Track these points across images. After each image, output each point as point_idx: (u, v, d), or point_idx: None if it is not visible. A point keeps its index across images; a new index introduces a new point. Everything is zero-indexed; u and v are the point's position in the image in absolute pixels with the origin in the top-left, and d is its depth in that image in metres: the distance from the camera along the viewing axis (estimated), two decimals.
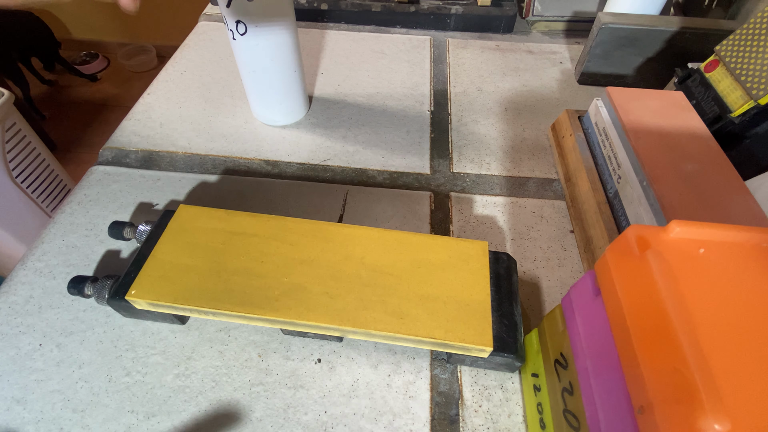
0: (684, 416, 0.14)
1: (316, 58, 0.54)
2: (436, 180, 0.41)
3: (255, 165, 0.41)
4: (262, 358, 0.29)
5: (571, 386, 0.22)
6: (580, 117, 0.41)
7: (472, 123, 0.47)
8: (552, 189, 0.40)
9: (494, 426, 0.27)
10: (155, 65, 1.91)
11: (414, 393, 0.28)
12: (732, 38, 0.36)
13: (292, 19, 0.38)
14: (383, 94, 0.50)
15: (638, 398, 0.16)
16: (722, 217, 0.28)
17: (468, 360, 0.28)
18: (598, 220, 0.33)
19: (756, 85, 0.34)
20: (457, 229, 0.37)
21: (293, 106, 0.45)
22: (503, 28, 0.59)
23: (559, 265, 0.35)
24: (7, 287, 0.32)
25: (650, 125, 0.34)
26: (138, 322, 0.30)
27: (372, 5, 0.58)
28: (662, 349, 0.15)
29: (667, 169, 0.30)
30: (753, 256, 0.18)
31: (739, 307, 0.16)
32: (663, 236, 0.18)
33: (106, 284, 0.29)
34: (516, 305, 0.28)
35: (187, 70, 0.52)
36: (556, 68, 0.54)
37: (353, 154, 0.43)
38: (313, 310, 0.26)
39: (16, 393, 0.27)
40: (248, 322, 0.27)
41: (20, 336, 0.29)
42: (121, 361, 0.29)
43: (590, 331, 0.21)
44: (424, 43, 0.57)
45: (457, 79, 0.52)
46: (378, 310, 0.26)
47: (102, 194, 0.38)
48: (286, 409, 0.27)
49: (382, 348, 0.30)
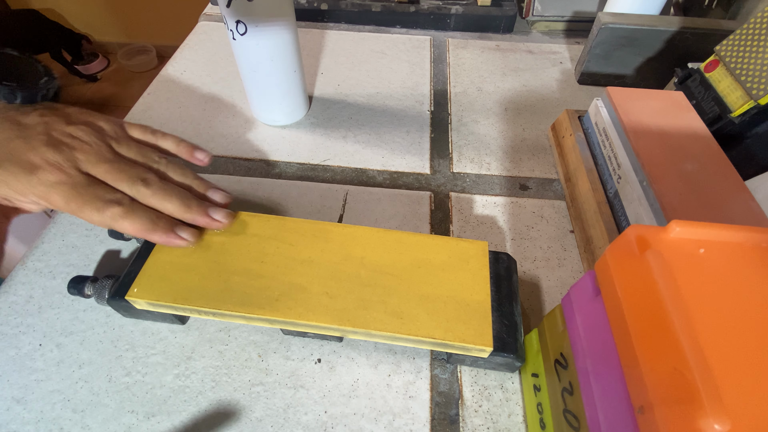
0: (684, 416, 0.14)
1: (316, 58, 0.54)
2: (436, 180, 0.41)
3: (255, 165, 0.41)
4: (262, 358, 0.29)
5: (571, 386, 0.22)
6: (580, 117, 0.41)
7: (472, 123, 0.47)
8: (552, 189, 0.40)
9: (494, 426, 0.27)
10: (155, 65, 1.91)
11: (414, 393, 0.28)
12: (732, 38, 0.36)
13: (292, 19, 0.38)
14: (383, 94, 0.50)
15: (638, 398, 0.16)
16: (722, 217, 0.28)
17: (468, 360, 0.28)
18: (598, 220, 0.33)
19: (756, 85, 0.34)
20: (457, 229, 0.37)
21: (293, 106, 0.45)
22: (503, 28, 0.59)
23: (559, 265, 0.35)
24: (7, 287, 0.32)
25: (650, 125, 0.34)
26: (138, 322, 0.30)
27: (372, 5, 0.58)
28: (662, 349, 0.15)
29: (667, 169, 0.30)
30: (753, 256, 0.18)
31: (739, 307, 0.16)
32: (663, 236, 0.18)
33: (106, 284, 0.29)
34: (516, 305, 0.28)
35: (187, 70, 0.52)
36: (556, 68, 0.54)
37: (353, 154, 0.43)
38: (313, 310, 0.26)
39: (16, 393, 0.27)
40: (248, 322, 0.27)
41: (20, 336, 0.29)
42: (121, 361, 0.29)
43: (590, 331, 0.21)
44: (424, 43, 0.57)
45: (457, 79, 0.52)
46: (378, 310, 0.26)
47: None
48: (286, 409, 0.27)
49: (382, 348, 0.30)
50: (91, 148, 0.27)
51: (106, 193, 0.26)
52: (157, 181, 0.27)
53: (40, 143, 0.26)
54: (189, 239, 0.27)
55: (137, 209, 0.26)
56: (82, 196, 0.25)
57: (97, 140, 0.27)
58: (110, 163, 0.27)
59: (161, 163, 0.29)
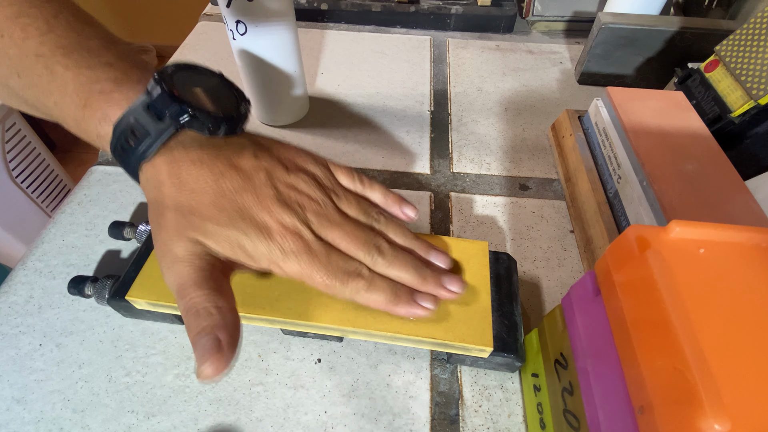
0: (684, 416, 0.14)
1: (316, 58, 0.54)
2: (436, 180, 0.41)
3: None
4: (262, 358, 0.29)
5: (571, 386, 0.22)
6: (580, 117, 0.41)
7: (472, 123, 0.47)
8: (552, 189, 0.40)
9: (494, 426, 0.27)
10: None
11: (414, 393, 0.28)
12: (732, 38, 0.36)
13: (292, 19, 0.38)
14: (383, 94, 0.50)
15: (638, 398, 0.16)
16: (722, 217, 0.28)
17: (468, 360, 0.28)
18: (598, 220, 0.33)
19: (756, 85, 0.34)
20: (457, 229, 0.37)
21: (293, 106, 0.45)
22: (503, 28, 0.59)
23: (559, 265, 0.35)
24: (7, 287, 0.32)
25: (650, 125, 0.34)
26: (138, 322, 0.30)
27: (372, 5, 0.58)
28: (662, 349, 0.15)
29: (667, 169, 0.30)
30: (753, 256, 0.18)
31: (739, 307, 0.16)
32: (663, 236, 0.18)
33: (106, 284, 0.29)
34: (516, 305, 0.28)
35: None
36: (556, 68, 0.54)
37: (353, 154, 0.43)
38: (313, 310, 0.26)
39: (16, 393, 0.27)
40: (248, 322, 0.27)
41: (20, 336, 0.29)
42: (121, 361, 0.29)
43: (590, 331, 0.21)
44: (424, 43, 0.57)
45: (457, 79, 0.52)
46: (378, 311, 0.26)
47: (102, 194, 0.38)
48: (286, 409, 0.27)
49: (382, 348, 0.30)
50: (320, 208, 0.24)
51: (345, 263, 0.23)
52: (389, 249, 0.25)
53: (271, 201, 0.23)
54: (432, 308, 0.24)
55: (377, 281, 0.24)
56: (326, 268, 0.23)
57: (322, 196, 0.25)
58: (341, 227, 0.24)
59: (380, 222, 0.26)
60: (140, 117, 0.21)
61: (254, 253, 0.22)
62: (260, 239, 0.22)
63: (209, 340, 0.19)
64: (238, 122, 0.24)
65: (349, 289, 0.23)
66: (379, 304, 0.24)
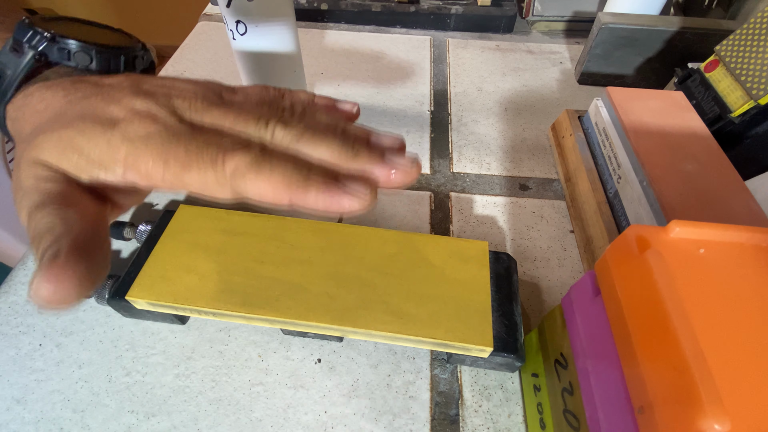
0: (684, 416, 0.14)
1: (316, 58, 0.54)
2: (436, 180, 0.41)
3: None
4: (262, 358, 0.29)
5: (571, 386, 0.22)
6: (580, 117, 0.41)
7: (472, 123, 0.47)
8: (552, 189, 0.40)
9: (494, 426, 0.27)
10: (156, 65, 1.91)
11: (414, 393, 0.28)
12: (732, 38, 0.36)
13: (292, 19, 0.38)
14: (383, 94, 0.50)
15: (638, 398, 0.16)
16: (722, 217, 0.28)
17: (468, 360, 0.28)
18: (598, 220, 0.33)
19: (756, 85, 0.34)
20: (457, 229, 0.37)
21: None
22: (503, 28, 0.59)
23: (559, 265, 0.35)
24: (7, 287, 0.32)
25: (650, 125, 0.34)
26: (138, 322, 0.30)
27: (372, 5, 0.58)
28: (662, 349, 0.15)
29: (667, 169, 0.30)
30: (753, 256, 0.18)
31: (739, 307, 0.16)
32: (663, 236, 0.18)
33: (106, 284, 0.29)
34: (516, 305, 0.28)
35: (187, 70, 0.52)
36: (556, 68, 0.54)
37: None
38: (313, 310, 0.26)
39: (16, 393, 0.27)
40: (248, 322, 0.27)
41: (20, 336, 0.29)
42: (121, 361, 0.29)
43: (590, 331, 0.21)
44: (424, 43, 0.57)
45: (457, 79, 0.52)
46: (378, 310, 0.26)
47: None
48: (286, 409, 0.27)
49: (382, 348, 0.30)
50: (195, 95, 0.19)
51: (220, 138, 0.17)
52: (297, 120, 0.18)
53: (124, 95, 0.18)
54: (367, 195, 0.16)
55: (272, 157, 0.17)
56: (186, 148, 0.16)
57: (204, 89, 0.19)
58: (224, 107, 0.18)
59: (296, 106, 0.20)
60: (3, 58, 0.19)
61: (94, 154, 0.16)
62: (102, 132, 0.17)
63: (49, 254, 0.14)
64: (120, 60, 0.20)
65: (228, 170, 0.16)
66: (278, 189, 0.16)
